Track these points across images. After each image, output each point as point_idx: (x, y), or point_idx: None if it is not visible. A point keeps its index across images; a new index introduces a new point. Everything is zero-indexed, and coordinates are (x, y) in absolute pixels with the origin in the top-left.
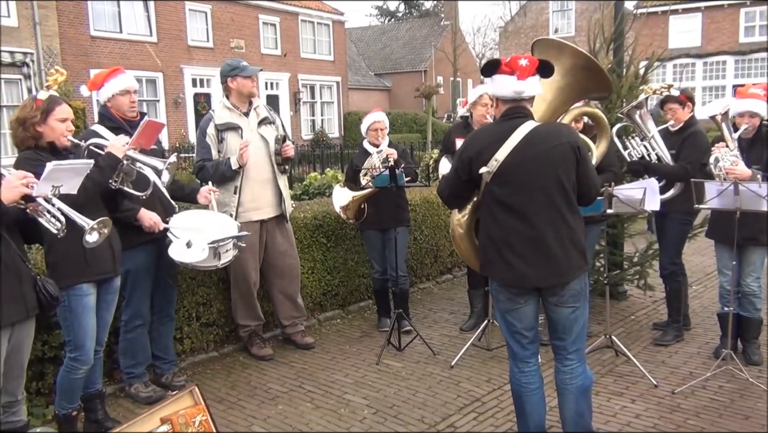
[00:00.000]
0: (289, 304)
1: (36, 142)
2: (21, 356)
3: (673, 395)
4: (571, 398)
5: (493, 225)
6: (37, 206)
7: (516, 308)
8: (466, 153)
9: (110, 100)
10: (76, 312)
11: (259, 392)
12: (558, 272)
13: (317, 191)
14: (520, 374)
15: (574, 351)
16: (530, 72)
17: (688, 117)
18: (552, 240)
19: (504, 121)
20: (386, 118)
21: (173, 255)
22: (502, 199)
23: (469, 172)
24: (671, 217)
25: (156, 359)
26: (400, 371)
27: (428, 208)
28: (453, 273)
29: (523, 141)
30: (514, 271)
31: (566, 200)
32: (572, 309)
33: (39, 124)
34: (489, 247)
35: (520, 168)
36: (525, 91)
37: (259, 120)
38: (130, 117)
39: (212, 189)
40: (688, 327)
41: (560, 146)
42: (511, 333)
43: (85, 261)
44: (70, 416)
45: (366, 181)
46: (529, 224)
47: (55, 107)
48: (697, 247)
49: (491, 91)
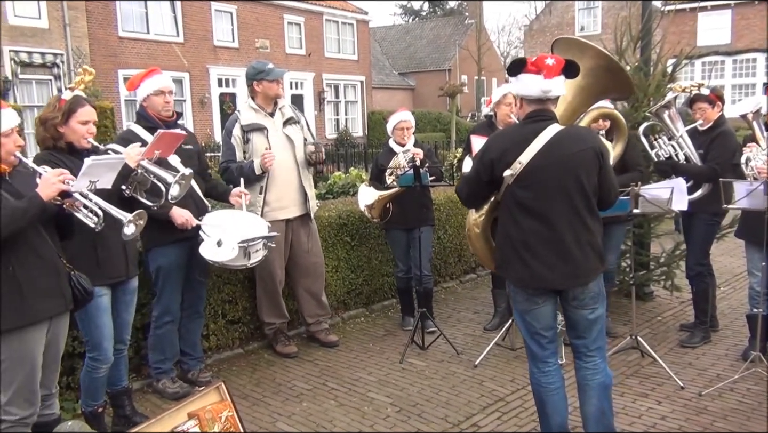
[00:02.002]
0: (314, 302)
1: (55, 143)
2: (57, 349)
3: (700, 397)
4: (593, 394)
5: (513, 226)
6: (74, 201)
7: (534, 308)
8: (487, 155)
9: (146, 99)
10: (90, 313)
11: (284, 389)
12: (576, 275)
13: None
14: (540, 374)
15: (596, 349)
16: (557, 71)
17: (718, 116)
18: (572, 243)
19: (528, 123)
20: (412, 118)
21: (204, 253)
22: (523, 202)
23: (491, 174)
24: (698, 217)
25: (183, 356)
26: (424, 370)
27: (452, 208)
28: (477, 272)
29: (548, 145)
30: (531, 272)
31: (587, 204)
32: (591, 310)
33: (60, 125)
34: (507, 247)
35: (544, 172)
36: (552, 91)
37: (284, 120)
38: (165, 117)
39: (243, 191)
40: (716, 329)
41: (584, 151)
42: (530, 334)
43: (97, 264)
44: (96, 412)
45: (391, 181)
46: (550, 226)
47: (78, 109)
48: (725, 248)
49: (516, 91)
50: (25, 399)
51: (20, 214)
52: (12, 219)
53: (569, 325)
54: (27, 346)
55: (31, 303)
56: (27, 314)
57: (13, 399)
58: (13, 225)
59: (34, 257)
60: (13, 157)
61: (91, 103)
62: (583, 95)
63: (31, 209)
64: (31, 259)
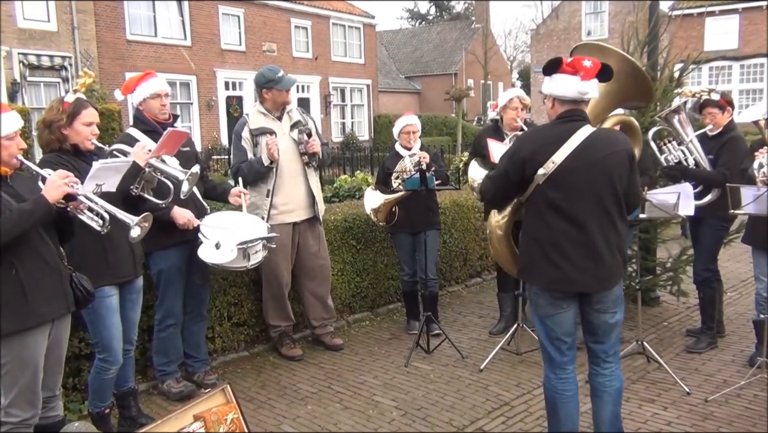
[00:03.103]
0: (320, 305)
1: (60, 145)
2: (60, 351)
3: (706, 403)
4: (609, 400)
5: (542, 228)
6: (79, 204)
7: (557, 313)
8: (518, 154)
9: (142, 103)
10: (99, 313)
11: (289, 392)
12: (605, 278)
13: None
14: (557, 381)
15: (613, 354)
16: (593, 74)
17: (728, 122)
18: (602, 245)
19: (561, 124)
20: (418, 122)
21: (202, 256)
22: (554, 203)
23: (521, 173)
24: (707, 222)
25: (188, 358)
26: (429, 374)
27: (458, 212)
28: (482, 276)
29: (582, 145)
30: (562, 273)
31: (618, 207)
32: (612, 315)
33: (64, 127)
34: (535, 249)
35: (577, 172)
36: (589, 93)
37: (291, 124)
38: (162, 120)
39: (243, 190)
40: (723, 334)
41: (617, 153)
42: (550, 339)
43: (106, 264)
44: (103, 413)
45: (397, 184)
46: (581, 228)
47: (81, 111)
48: (732, 253)
49: (549, 91)
50: (27, 401)
51: (26, 217)
52: (18, 221)
53: (589, 329)
54: (30, 348)
55: (34, 305)
56: (30, 317)
57: (15, 401)
58: (20, 227)
59: (37, 259)
60: (15, 160)
61: (93, 105)
62: (607, 101)
63: (37, 211)
64: (34, 261)
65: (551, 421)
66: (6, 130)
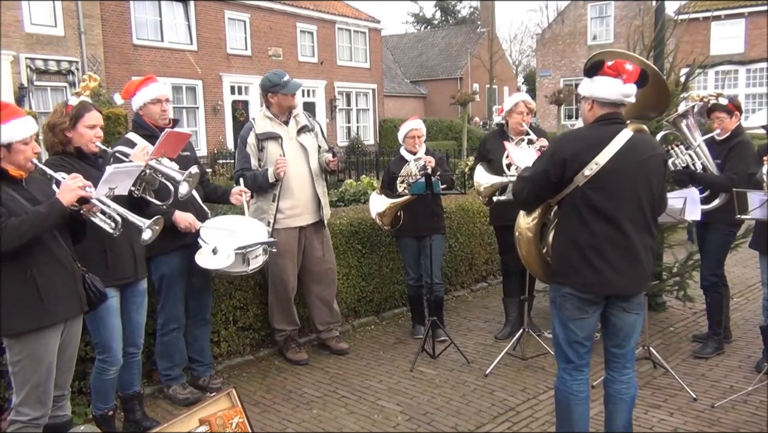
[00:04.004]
0: (325, 309)
1: (64, 148)
2: (72, 351)
3: (713, 409)
4: (625, 407)
5: (582, 230)
6: (92, 207)
7: (582, 317)
8: (559, 154)
9: (142, 108)
10: (99, 314)
11: (294, 396)
12: (640, 281)
13: (353, 198)
14: (572, 382)
15: (632, 360)
16: (634, 78)
17: (736, 126)
18: (640, 248)
19: (602, 126)
20: (423, 126)
21: (199, 262)
22: (595, 204)
23: (561, 174)
24: (714, 227)
25: (193, 362)
26: (434, 379)
27: (464, 216)
28: (488, 281)
29: (624, 148)
30: (600, 277)
31: (652, 211)
32: (636, 316)
33: (68, 130)
34: (573, 251)
35: (619, 175)
36: (631, 96)
37: (298, 128)
38: (162, 124)
39: (243, 190)
40: (729, 340)
41: (655, 157)
42: (570, 342)
43: (106, 266)
44: (106, 415)
45: (402, 189)
46: (621, 231)
47: (85, 114)
48: (738, 258)
49: (589, 92)
50: (38, 400)
51: (41, 219)
52: (33, 224)
53: (611, 332)
54: (43, 347)
55: (48, 305)
56: (45, 317)
57: (25, 400)
58: (35, 229)
59: (52, 260)
60: (30, 163)
61: (97, 108)
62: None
63: (52, 214)
64: (49, 262)
65: (562, 423)
66: (22, 135)
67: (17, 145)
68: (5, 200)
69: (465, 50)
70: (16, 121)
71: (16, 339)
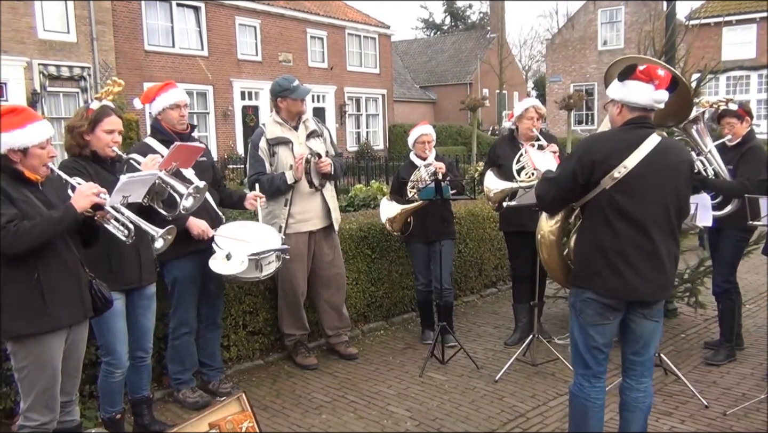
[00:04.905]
0: (335, 314)
1: (81, 150)
2: (77, 357)
3: (725, 417)
4: (641, 416)
5: (607, 233)
6: (105, 214)
7: (603, 323)
8: (587, 156)
9: (161, 113)
10: (104, 317)
11: (304, 401)
12: (663, 287)
13: (362, 203)
14: (591, 388)
15: (650, 368)
16: (666, 84)
17: (747, 131)
18: (665, 255)
19: (631, 129)
20: (433, 131)
21: (213, 267)
22: (622, 208)
23: (589, 176)
24: (727, 234)
25: (203, 366)
26: (444, 384)
27: (473, 221)
28: (498, 286)
29: (653, 152)
30: (624, 282)
31: (678, 217)
32: (656, 323)
33: (86, 133)
34: (597, 255)
35: (647, 179)
36: (662, 102)
37: (307, 133)
38: (180, 130)
39: (258, 195)
40: (741, 347)
41: (683, 163)
42: (589, 348)
43: (110, 271)
44: (114, 418)
45: (412, 194)
46: (648, 236)
47: (104, 118)
48: (751, 265)
49: (620, 96)
50: (45, 405)
51: (54, 224)
52: (46, 228)
53: (630, 339)
54: (46, 352)
55: (51, 310)
56: (47, 321)
57: (33, 405)
58: (47, 234)
59: (59, 264)
60: (46, 167)
61: (117, 113)
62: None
63: (66, 219)
64: (56, 267)
65: (577, 430)
66: (38, 139)
67: (33, 150)
68: (20, 202)
69: (475, 56)
70: (33, 126)
71: (19, 344)
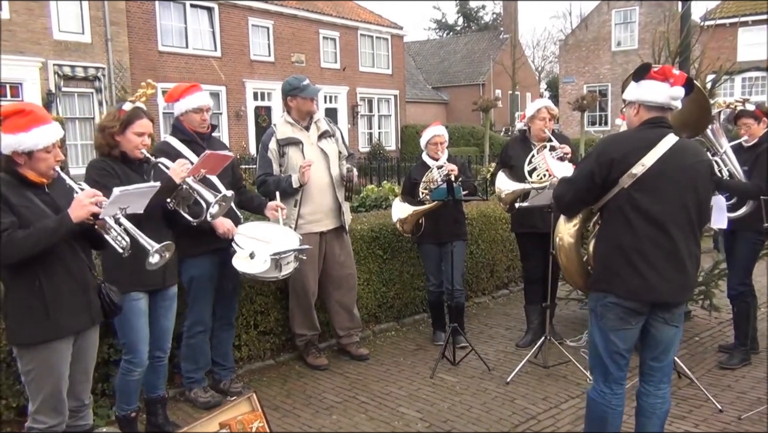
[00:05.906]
0: (345, 314)
1: (110, 151)
2: (86, 362)
3: (740, 421)
4: (658, 423)
5: (626, 232)
6: (104, 224)
7: (625, 328)
8: (605, 155)
9: (184, 114)
10: (127, 316)
11: (314, 402)
12: (684, 289)
13: (374, 204)
14: (612, 395)
15: (668, 374)
16: (681, 82)
17: (763, 132)
18: (686, 255)
19: (649, 129)
20: (446, 132)
21: (237, 265)
22: (642, 207)
23: (607, 175)
24: (742, 236)
25: (215, 366)
26: (455, 386)
27: (485, 222)
28: (509, 288)
29: (671, 151)
30: (645, 282)
31: (698, 218)
32: (676, 329)
33: (117, 134)
34: (616, 256)
35: (667, 178)
36: (678, 99)
37: (319, 134)
38: (201, 131)
39: (280, 205)
40: (756, 351)
41: (702, 163)
42: (610, 353)
43: (132, 270)
44: (129, 417)
45: (424, 195)
46: (668, 235)
47: (135, 120)
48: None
49: (636, 96)
50: (53, 408)
51: (49, 234)
52: (40, 239)
53: (650, 344)
54: (52, 357)
55: (55, 319)
56: (51, 330)
57: (41, 408)
58: (42, 244)
59: (64, 272)
60: (52, 171)
61: (149, 116)
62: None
63: (60, 230)
64: (61, 274)
65: None
66: (44, 143)
67: (39, 154)
68: (21, 207)
69: (487, 56)
70: (38, 130)
71: (25, 349)
